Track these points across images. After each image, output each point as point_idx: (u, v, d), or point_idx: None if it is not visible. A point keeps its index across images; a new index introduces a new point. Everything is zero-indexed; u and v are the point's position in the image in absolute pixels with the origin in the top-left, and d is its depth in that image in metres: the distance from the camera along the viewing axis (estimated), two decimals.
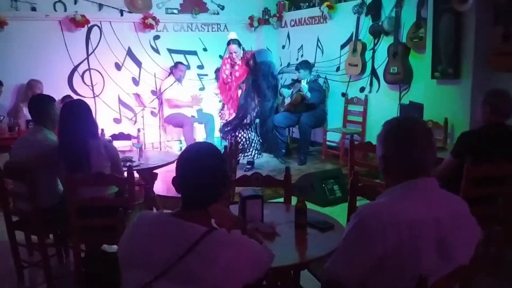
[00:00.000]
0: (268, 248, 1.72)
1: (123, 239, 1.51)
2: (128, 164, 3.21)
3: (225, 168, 1.54)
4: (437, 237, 1.49)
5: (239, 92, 5.65)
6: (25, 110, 5.03)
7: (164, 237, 1.43)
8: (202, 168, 1.47)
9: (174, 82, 6.34)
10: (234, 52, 5.54)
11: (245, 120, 5.65)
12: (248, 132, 5.69)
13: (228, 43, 5.60)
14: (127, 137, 4.20)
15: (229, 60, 5.67)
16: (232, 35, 5.67)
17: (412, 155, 1.55)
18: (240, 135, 5.67)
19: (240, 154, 5.70)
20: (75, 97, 6.10)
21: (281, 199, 3.43)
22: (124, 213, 1.98)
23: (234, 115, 5.71)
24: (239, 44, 5.60)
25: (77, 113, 2.97)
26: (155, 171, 3.88)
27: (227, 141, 5.68)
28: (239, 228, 1.59)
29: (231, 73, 5.63)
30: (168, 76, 6.57)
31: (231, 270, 1.39)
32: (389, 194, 1.61)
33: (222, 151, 4.07)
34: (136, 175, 3.86)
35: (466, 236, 1.57)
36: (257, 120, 5.80)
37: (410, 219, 1.47)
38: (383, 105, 5.79)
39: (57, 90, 5.78)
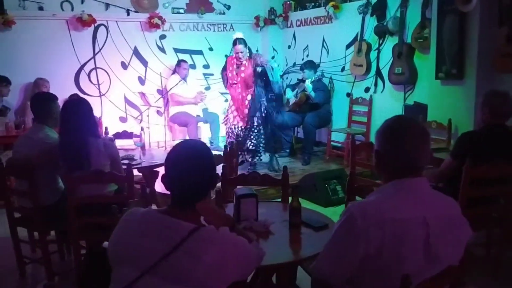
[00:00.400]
0: (259, 246, 1.73)
1: (112, 237, 1.52)
2: (127, 162, 3.24)
3: (213, 165, 1.55)
4: (423, 238, 1.49)
5: (249, 97, 5.52)
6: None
7: (152, 233, 1.44)
8: (190, 166, 1.49)
9: (180, 81, 6.37)
10: (240, 52, 5.44)
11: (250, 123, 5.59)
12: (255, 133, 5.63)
13: (234, 43, 5.50)
14: (129, 135, 4.24)
15: (235, 60, 5.58)
16: (238, 35, 5.62)
17: (403, 153, 1.56)
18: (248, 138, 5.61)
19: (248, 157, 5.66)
20: (81, 95, 6.17)
21: None
22: (118, 210, 2.00)
23: (238, 119, 5.59)
24: (245, 44, 5.52)
25: (78, 111, 3.00)
26: (158, 169, 3.92)
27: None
28: (228, 225, 1.60)
29: (237, 74, 5.54)
30: (172, 74, 6.60)
31: (217, 267, 1.40)
32: (378, 192, 1.62)
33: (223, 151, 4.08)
34: (139, 173, 3.90)
35: (454, 238, 1.56)
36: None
37: (395, 218, 1.48)
38: (388, 106, 5.77)
39: (63, 88, 5.86)
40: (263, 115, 5.54)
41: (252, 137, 5.54)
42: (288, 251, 2.14)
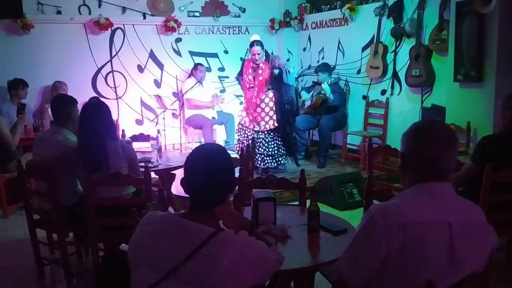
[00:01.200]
0: (278, 250, 1.72)
1: (132, 240, 1.53)
2: (144, 164, 3.25)
3: (232, 169, 1.54)
4: (446, 241, 1.47)
5: (267, 100, 5.46)
6: (50, 111, 5.15)
7: (171, 237, 1.44)
8: (208, 169, 1.48)
9: (196, 84, 6.40)
10: (257, 54, 5.37)
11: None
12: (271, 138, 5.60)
13: (251, 45, 5.44)
14: (146, 138, 4.26)
15: (251, 64, 5.51)
16: (255, 37, 5.56)
17: (426, 156, 1.53)
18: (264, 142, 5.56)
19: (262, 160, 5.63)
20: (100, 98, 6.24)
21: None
22: (137, 213, 2.00)
23: (249, 120, 5.59)
24: (262, 46, 5.46)
25: (97, 114, 3.01)
26: (174, 172, 3.94)
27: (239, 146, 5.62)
28: (247, 229, 1.59)
29: (254, 77, 5.46)
30: (188, 77, 6.63)
31: (236, 271, 1.39)
32: (401, 196, 1.59)
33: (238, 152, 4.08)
34: (155, 176, 3.91)
35: (478, 243, 1.53)
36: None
37: (417, 220, 1.46)
38: (405, 108, 5.73)
39: (81, 91, 5.93)
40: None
41: (271, 140, 5.50)
42: (307, 256, 2.12)
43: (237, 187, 2.74)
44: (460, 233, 1.49)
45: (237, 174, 2.51)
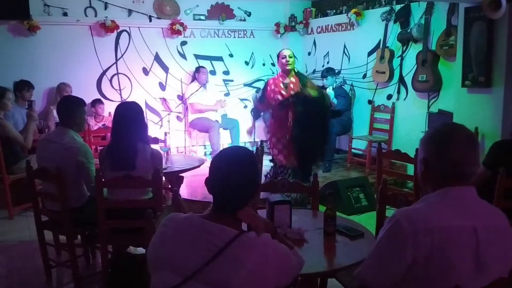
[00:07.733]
0: (299, 254, 1.70)
1: (153, 242, 1.51)
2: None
3: (257, 173, 1.54)
4: (472, 247, 1.45)
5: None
6: (55, 113, 5.12)
7: (194, 239, 1.42)
8: (233, 172, 1.47)
9: (200, 88, 6.38)
10: (288, 56, 4.51)
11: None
12: None
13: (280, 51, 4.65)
14: (154, 140, 4.25)
15: (280, 79, 4.57)
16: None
17: (451, 159, 1.50)
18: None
19: None
20: (104, 101, 6.23)
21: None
22: (153, 215, 1.98)
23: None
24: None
25: (132, 115, 3.01)
26: (182, 175, 3.92)
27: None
28: (270, 232, 1.57)
29: (286, 87, 4.55)
30: (192, 82, 6.62)
31: (259, 273, 1.38)
32: (425, 200, 1.57)
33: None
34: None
35: (503, 248, 1.51)
36: None
37: (443, 225, 1.43)
38: (411, 113, 5.71)
39: (86, 93, 5.86)
40: None
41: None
42: (323, 260, 2.10)
43: None
44: (485, 238, 1.47)
45: None
